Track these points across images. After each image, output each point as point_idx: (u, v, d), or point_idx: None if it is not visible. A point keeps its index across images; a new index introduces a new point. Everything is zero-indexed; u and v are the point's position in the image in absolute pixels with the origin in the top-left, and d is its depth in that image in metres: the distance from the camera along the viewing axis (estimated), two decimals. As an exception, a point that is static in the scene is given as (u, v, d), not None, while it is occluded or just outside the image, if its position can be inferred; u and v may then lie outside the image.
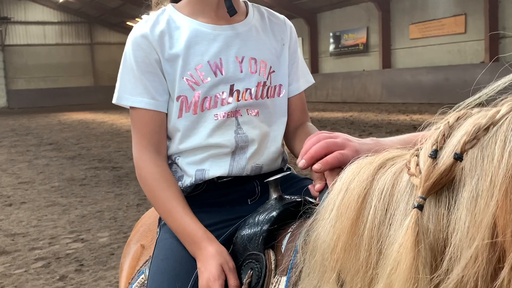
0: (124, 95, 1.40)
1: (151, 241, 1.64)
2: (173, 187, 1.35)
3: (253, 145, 1.41)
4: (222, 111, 1.38)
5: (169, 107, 1.41)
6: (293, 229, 1.14)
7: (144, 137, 1.38)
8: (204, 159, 1.39)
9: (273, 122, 1.46)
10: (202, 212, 1.33)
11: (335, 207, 0.84)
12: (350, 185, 0.82)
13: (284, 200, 1.23)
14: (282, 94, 1.47)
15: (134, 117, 1.40)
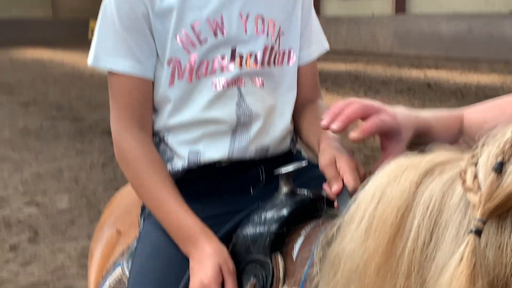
0: (102, 56, 1.33)
1: (129, 226, 1.61)
2: (163, 172, 1.31)
3: (257, 122, 1.36)
4: (222, 79, 1.33)
5: (157, 72, 1.35)
6: (307, 233, 1.12)
7: (126, 110, 1.33)
8: (198, 138, 1.35)
9: (280, 94, 1.41)
10: (195, 202, 1.29)
11: (367, 218, 0.80)
12: (387, 192, 0.79)
13: (297, 196, 1.20)
14: (292, 62, 1.42)
15: (114, 84, 1.34)
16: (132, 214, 1.64)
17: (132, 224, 1.61)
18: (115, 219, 1.71)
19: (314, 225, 1.13)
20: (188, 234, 1.24)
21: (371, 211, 0.80)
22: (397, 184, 0.79)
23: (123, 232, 1.63)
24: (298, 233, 1.14)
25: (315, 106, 1.45)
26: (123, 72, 1.32)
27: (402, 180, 0.78)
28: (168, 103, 1.35)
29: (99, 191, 5.50)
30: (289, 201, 1.19)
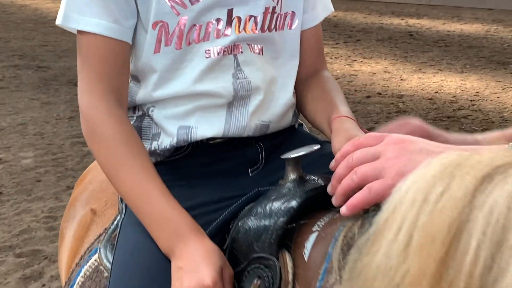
0: (73, 14, 1.17)
1: (104, 205, 1.48)
2: (143, 155, 1.16)
3: (257, 95, 1.22)
4: (217, 45, 1.19)
5: (139, 37, 1.20)
6: (321, 228, 0.98)
7: (100, 79, 1.17)
8: (189, 112, 1.20)
9: (282, 64, 1.27)
10: (184, 186, 1.16)
11: (407, 229, 0.68)
12: (433, 199, 0.66)
13: (307, 184, 1.06)
14: (295, 26, 1.28)
15: (86, 48, 1.18)
16: (107, 192, 1.51)
17: (108, 202, 1.49)
18: (88, 196, 1.57)
19: (329, 219, 0.99)
20: (173, 229, 1.09)
21: (412, 221, 0.68)
22: (448, 189, 0.66)
23: (98, 212, 1.49)
24: (310, 228, 1.01)
25: (322, 79, 1.33)
26: (97, 32, 1.16)
27: (454, 185, 0.65)
28: (153, 73, 1.21)
29: (66, 146, 5.33)
30: (299, 190, 1.05)
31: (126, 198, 1.16)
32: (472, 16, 12.82)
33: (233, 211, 1.16)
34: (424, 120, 4.50)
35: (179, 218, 1.10)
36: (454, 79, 7.29)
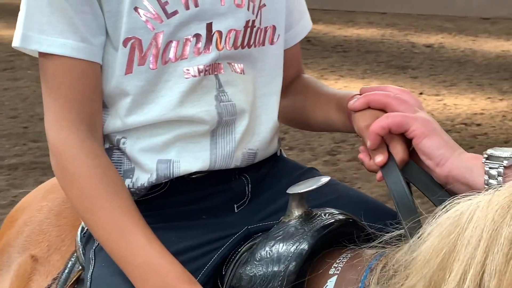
0: (33, 33, 1.07)
1: (47, 250, 1.36)
2: (124, 193, 1.07)
3: (242, 120, 1.16)
4: (196, 64, 1.11)
5: (107, 57, 1.11)
6: (339, 271, 0.93)
7: (69, 105, 1.08)
8: (169, 142, 1.12)
9: (265, 82, 1.21)
10: (163, 229, 1.08)
11: (475, 274, 0.64)
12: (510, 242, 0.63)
13: (315, 221, 1.00)
14: (277, 41, 1.22)
15: (52, 72, 1.08)
16: (49, 235, 1.40)
17: (52, 247, 1.38)
18: (25, 241, 1.43)
19: (346, 260, 0.94)
20: (161, 279, 1.00)
21: (481, 264, 0.64)
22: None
23: (40, 259, 1.37)
24: (326, 271, 0.95)
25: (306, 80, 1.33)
26: (63, 54, 1.06)
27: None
28: (124, 97, 1.12)
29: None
30: (307, 228, 0.99)
31: (104, 244, 1.06)
32: (366, 21, 13.34)
33: (223, 254, 1.09)
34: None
35: (168, 267, 1.01)
36: (357, 85, 7.55)
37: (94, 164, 1.07)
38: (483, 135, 5.77)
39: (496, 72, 8.14)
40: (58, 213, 1.44)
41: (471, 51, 9.56)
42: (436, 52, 9.43)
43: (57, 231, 1.40)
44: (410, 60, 8.97)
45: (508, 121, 6.12)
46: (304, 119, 1.30)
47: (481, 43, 10.22)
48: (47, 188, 1.54)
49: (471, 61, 8.86)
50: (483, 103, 6.71)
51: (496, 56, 9.15)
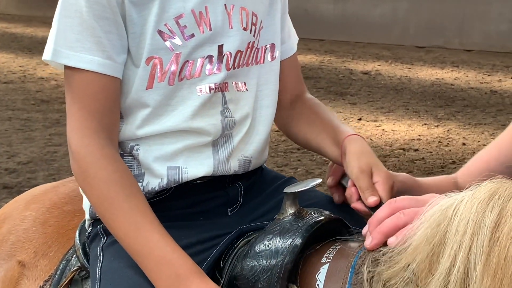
0: (63, 49, 1.19)
1: (34, 256, 1.45)
2: (140, 195, 1.20)
3: (240, 131, 1.31)
4: (208, 82, 1.25)
5: (127, 72, 1.24)
6: (331, 260, 1.07)
7: (92, 116, 1.20)
8: (177, 152, 1.25)
9: (265, 95, 1.36)
10: (168, 228, 1.19)
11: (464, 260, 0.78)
12: (493, 228, 0.77)
13: (307, 218, 1.15)
14: (275, 57, 1.38)
15: (77, 84, 1.21)
16: (35, 242, 1.50)
17: (38, 253, 1.47)
18: (11, 248, 1.51)
19: (336, 251, 1.08)
20: (174, 272, 1.13)
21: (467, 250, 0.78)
22: (503, 217, 0.77)
23: (28, 264, 1.46)
24: (318, 261, 1.09)
25: (309, 102, 1.45)
26: (90, 69, 1.19)
27: (509, 214, 0.77)
28: (143, 109, 1.25)
29: None
30: (301, 225, 1.14)
31: (122, 241, 1.18)
32: (305, 47, 13.61)
33: (221, 250, 1.22)
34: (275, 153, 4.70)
35: (181, 261, 1.14)
36: (297, 110, 7.70)
37: (113, 169, 1.19)
38: (420, 160, 5.94)
39: (431, 99, 8.41)
40: (43, 221, 1.53)
41: (407, 78, 9.87)
42: (373, 79, 9.74)
43: (43, 238, 1.49)
44: (349, 86, 9.21)
45: (444, 146, 6.34)
46: (300, 139, 1.44)
47: (417, 71, 10.57)
48: (28, 199, 1.63)
49: (407, 88, 9.12)
50: (419, 129, 6.93)
51: (431, 83, 9.46)
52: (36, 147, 5.93)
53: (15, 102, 7.98)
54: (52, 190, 1.64)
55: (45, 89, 8.65)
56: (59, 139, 5.98)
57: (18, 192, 4.55)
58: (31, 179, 5.02)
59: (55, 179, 4.90)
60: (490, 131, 6.74)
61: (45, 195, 1.62)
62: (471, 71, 10.51)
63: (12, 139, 6.26)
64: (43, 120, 7.00)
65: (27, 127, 6.72)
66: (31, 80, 9.39)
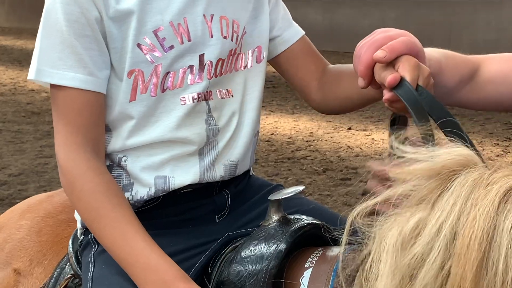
0: (46, 68, 1.24)
1: (30, 264, 1.49)
2: (125, 204, 1.24)
3: (224, 136, 1.35)
4: (191, 92, 1.29)
5: (111, 87, 1.28)
6: (314, 264, 1.12)
7: (78, 131, 1.24)
8: (164, 161, 1.30)
9: (250, 99, 1.40)
10: (156, 235, 1.24)
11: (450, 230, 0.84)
12: (465, 218, 0.84)
13: (292, 223, 1.21)
14: (261, 59, 1.41)
15: (62, 101, 1.25)
16: (30, 250, 1.55)
17: (34, 261, 1.51)
18: (7, 257, 1.56)
19: (319, 255, 1.14)
20: (160, 278, 1.17)
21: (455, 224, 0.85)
22: (475, 205, 0.84)
23: (23, 272, 1.51)
24: (302, 265, 1.15)
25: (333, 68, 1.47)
26: (73, 86, 1.23)
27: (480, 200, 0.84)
28: (129, 121, 1.29)
29: None
30: (285, 230, 1.19)
31: (110, 250, 1.22)
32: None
33: (209, 256, 1.27)
34: (265, 162, 4.71)
35: (166, 267, 1.18)
36: (287, 120, 7.75)
37: (99, 181, 1.23)
38: None
39: (420, 108, 8.49)
40: (38, 230, 1.57)
41: (396, 88, 9.97)
42: (362, 89, 9.83)
43: (38, 247, 1.54)
44: (338, 96, 9.29)
45: (432, 155, 6.40)
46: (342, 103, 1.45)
47: (405, 80, 10.68)
48: (24, 208, 1.68)
49: (396, 98, 9.21)
50: (402, 138, 6.99)
51: (420, 93, 9.56)
52: (27, 159, 5.96)
53: (6, 114, 8.01)
54: (46, 200, 1.69)
55: (36, 101, 8.69)
56: (50, 151, 6.00)
57: (9, 204, 4.58)
58: (22, 191, 5.04)
59: (46, 190, 4.93)
60: (478, 139, 6.81)
61: (40, 205, 1.67)
62: (459, 80, 10.63)
63: (3, 151, 6.29)
64: (33, 132, 7.03)
65: (18, 139, 6.75)
66: (22, 92, 9.42)
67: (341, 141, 6.86)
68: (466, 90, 1.39)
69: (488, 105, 1.45)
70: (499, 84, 1.39)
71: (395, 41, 1.17)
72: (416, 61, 1.15)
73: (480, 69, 1.39)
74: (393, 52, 1.15)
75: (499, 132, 6.93)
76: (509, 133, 6.99)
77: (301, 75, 1.47)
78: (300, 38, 1.48)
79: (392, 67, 1.15)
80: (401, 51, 1.16)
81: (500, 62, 1.41)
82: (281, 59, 1.47)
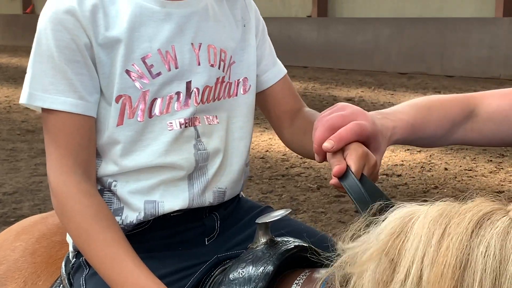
0: (38, 92, 1.27)
1: (24, 286, 1.52)
2: (115, 226, 1.27)
3: (215, 162, 1.38)
4: (178, 118, 1.33)
5: (101, 111, 1.32)
6: (301, 284, 1.16)
7: (68, 154, 1.27)
8: (153, 186, 1.33)
9: (238, 127, 1.44)
10: (147, 258, 1.27)
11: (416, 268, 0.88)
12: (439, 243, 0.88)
13: (279, 246, 1.24)
14: (248, 90, 1.45)
15: (53, 125, 1.28)
16: (24, 271, 1.57)
17: (28, 282, 1.54)
18: (2, 278, 1.58)
19: (306, 277, 1.17)
20: None
21: (420, 263, 0.89)
22: (448, 235, 0.88)
23: (18, 292, 1.52)
24: (289, 286, 1.19)
25: (307, 114, 1.52)
26: (63, 110, 1.27)
27: (452, 231, 0.88)
28: (116, 145, 1.32)
29: None
30: (272, 253, 1.23)
31: (99, 271, 1.25)
32: (289, 74, 13.73)
33: (198, 278, 1.30)
34: (260, 179, 4.73)
35: (154, 287, 1.21)
36: (282, 138, 7.76)
37: (89, 203, 1.26)
38: (403, 185, 5.97)
39: (414, 125, 8.51)
40: (32, 252, 1.60)
41: (390, 104, 9.85)
42: (357, 105, 9.80)
43: (32, 268, 1.56)
44: (332, 113, 9.33)
45: (426, 172, 6.40)
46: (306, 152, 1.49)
47: (399, 96, 10.67)
48: (18, 230, 1.70)
49: (390, 114, 9.23)
50: (402, 154, 7.00)
51: (414, 109, 9.58)
52: (22, 177, 5.97)
53: (1, 132, 8.03)
54: (41, 221, 1.72)
55: (31, 119, 8.71)
56: (44, 169, 5.90)
57: (3, 222, 4.59)
58: (17, 209, 5.05)
59: (40, 209, 4.95)
60: (471, 155, 6.85)
61: (35, 226, 1.69)
62: (453, 96, 10.68)
63: (-3, 170, 6.31)
64: (28, 150, 7.05)
65: (13, 157, 6.76)
66: (16, 110, 9.44)
67: (335, 158, 6.88)
68: (464, 129, 1.40)
69: (491, 142, 1.44)
70: (500, 122, 1.39)
71: (343, 129, 1.20)
72: (363, 151, 1.20)
73: (478, 108, 1.40)
74: (340, 142, 1.20)
75: (492, 148, 6.96)
76: (502, 150, 7.02)
77: (277, 113, 1.53)
78: (283, 77, 1.54)
79: (341, 153, 1.21)
80: (349, 139, 1.20)
81: (499, 99, 1.41)
82: (261, 96, 1.52)
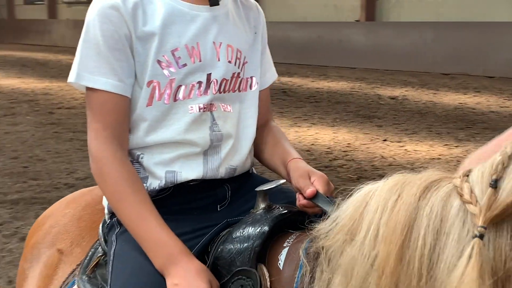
0: (84, 73, 1.40)
1: (70, 245, 1.66)
2: (143, 190, 1.40)
3: (227, 144, 1.49)
4: (197, 103, 1.45)
5: (134, 93, 1.44)
6: (290, 244, 1.26)
7: (106, 127, 1.40)
8: (173, 159, 1.45)
9: (248, 117, 1.55)
10: (166, 219, 1.38)
11: (374, 227, 0.97)
12: (391, 205, 0.96)
13: (274, 211, 1.35)
14: (255, 87, 1.57)
15: (95, 102, 1.41)
16: (72, 233, 1.70)
17: (74, 242, 1.68)
18: (53, 239, 1.73)
19: (295, 237, 1.27)
20: (168, 252, 1.32)
21: (377, 222, 0.97)
22: (400, 198, 0.96)
23: (65, 252, 1.67)
24: (281, 244, 1.29)
25: (272, 128, 1.66)
26: (105, 89, 1.39)
27: (404, 195, 0.96)
28: (143, 122, 1.44)
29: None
30: (269, 216, 1.33)
31: (128, 226, 1.38)
32: (337, 74, 13.79)
33: (209, 238, 1.41)
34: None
35: (173, 243, 1.33)
36: (327, 132, 7.81)
37: (122, 169, 1.39)
38: None
39: (454, 122, 8.37)
40: (79, 217, 1.75)
41: (432, 103, 9.87)
42: (400, 104, 9.79)
43: (78, 231, 1.71)
44: (376, 110, 9.27)
45: (462, 165, 6.35)
46: (262, 159, 1.65)
47: (441, 96, 10.56)
48: (69, 199, 1.86)
49: (431, 112, 9.10)
50: (440, 149, 6.93)
51: (454, 108, 9.42)
52: (93, 165, 6.20)
53: (76, 125, 8.34)
54: (88, 193, 1.86)
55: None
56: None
57: (74, 203, 4.81)
58: (87, 193, 5.26)
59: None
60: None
61: (82, 197, 1.84)
62: (493, 96, 10.45)
63: (72, 158, 6.56)
64: (100, 141, 7.30)
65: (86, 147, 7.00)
66: (91, 105, 9.75)
67: (376, 151, 6.88)
68: None
69: None
70: None
71: None
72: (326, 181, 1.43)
73: None
74: None
75: None
76: None
77: None
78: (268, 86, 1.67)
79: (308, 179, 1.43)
80: None
81: None
82: None
